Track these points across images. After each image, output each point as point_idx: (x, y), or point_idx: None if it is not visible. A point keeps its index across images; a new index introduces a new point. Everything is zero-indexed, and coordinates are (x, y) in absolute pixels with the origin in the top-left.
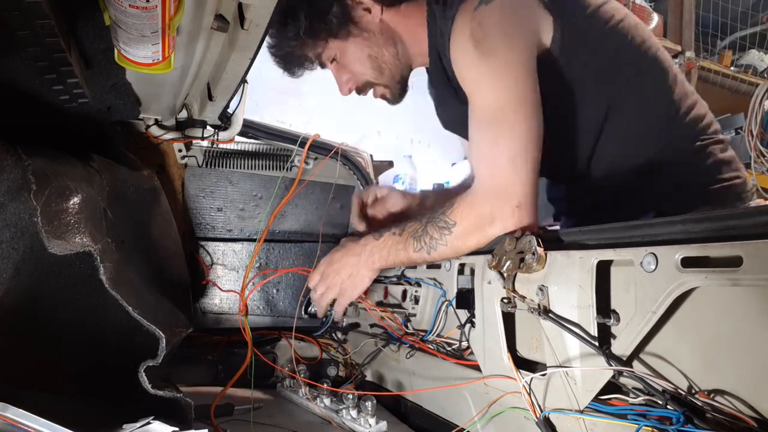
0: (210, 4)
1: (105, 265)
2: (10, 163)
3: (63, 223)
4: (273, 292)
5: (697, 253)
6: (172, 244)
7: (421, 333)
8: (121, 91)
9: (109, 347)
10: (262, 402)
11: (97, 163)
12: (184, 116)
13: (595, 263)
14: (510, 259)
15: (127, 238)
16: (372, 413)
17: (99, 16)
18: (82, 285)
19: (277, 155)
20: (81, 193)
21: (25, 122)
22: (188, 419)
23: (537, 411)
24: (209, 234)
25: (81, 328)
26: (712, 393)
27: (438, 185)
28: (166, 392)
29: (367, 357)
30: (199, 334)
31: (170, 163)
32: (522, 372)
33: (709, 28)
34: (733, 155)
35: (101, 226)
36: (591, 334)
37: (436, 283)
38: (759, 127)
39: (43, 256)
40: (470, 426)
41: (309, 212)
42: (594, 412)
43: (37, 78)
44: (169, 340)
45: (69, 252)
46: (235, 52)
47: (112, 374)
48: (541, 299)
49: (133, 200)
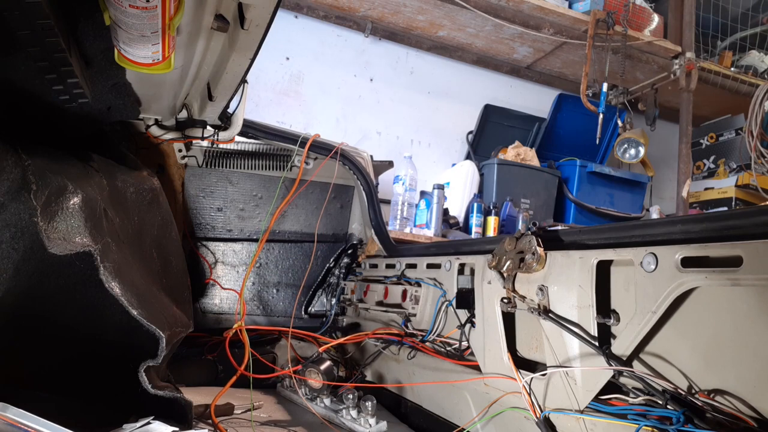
0: (210, 4)
1: (105, 265)
2: (10, 163)
3: (63, 223)
4: (273, 292)
5: (697, 253)
6: (172, 244)
7: (421, 333)
8: (121, 91)
9: (109, 347)
10: (261, 402)
11: (97, 163)
12: (184, 116)
13: (595, 263)
14: (510, 259)
15: (127, 238)
16: (372, 413)
17: (99, 16)
18: (82, 285)
19: (277, 155)
20: (81, 193)
21: (25, 122)
22: (188, 419)
23: (537, 411)
24: (209, 234)
25: (81, 328)
26: (712, 393)
27: (438, 186)
28: (166, 392)
29: (368, 357)
30: (199, 334)
31: (170, 163)
32: (522, 372)
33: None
34: None
35: (101, 226)
36: (591, 334)
37: (436, 283)
38: (759, 128)
39: (43, 256)
40: (470, 426)
41: (309, 212)
42: (594, 412)
43: (37, 78)
44: (169, 340)
45: (69, 252)
46: (235, 52)
47: (112, 374)
48: (541, 299)
49: (133, 200)
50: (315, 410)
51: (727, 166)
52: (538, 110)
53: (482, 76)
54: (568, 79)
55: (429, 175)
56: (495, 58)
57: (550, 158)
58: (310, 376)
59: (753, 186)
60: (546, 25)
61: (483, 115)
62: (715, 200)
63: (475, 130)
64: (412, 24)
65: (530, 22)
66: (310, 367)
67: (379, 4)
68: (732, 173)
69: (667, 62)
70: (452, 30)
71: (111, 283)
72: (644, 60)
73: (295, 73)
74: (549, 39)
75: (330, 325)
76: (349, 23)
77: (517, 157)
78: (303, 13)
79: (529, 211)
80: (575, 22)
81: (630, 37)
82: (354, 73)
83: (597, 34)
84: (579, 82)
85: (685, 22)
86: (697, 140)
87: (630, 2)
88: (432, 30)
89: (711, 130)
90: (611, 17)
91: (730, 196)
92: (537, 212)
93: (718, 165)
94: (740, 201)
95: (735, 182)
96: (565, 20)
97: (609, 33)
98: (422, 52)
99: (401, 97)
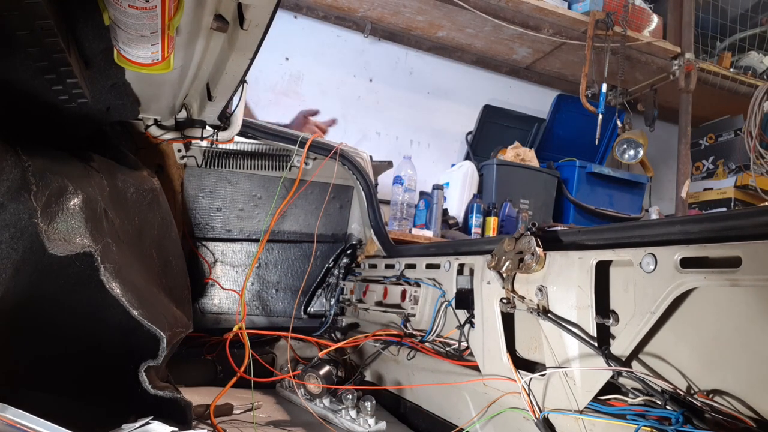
0: (209, 4)
1: (106, 266)
2: (10, 163)
3: (63, 224)
4: (272, 292)
5: (696, 253)
6: (171, 245)
7: (421, 333)
8: (120, 91)
9: (109, 347)
10: (261, 402)
11: (97, 163)
12: (184, 116)
13: (594, 263)
14: (509, 259)
15: (127, 239)
16: (371, 413)
17: (99, 16)
18: (82, 285)
19: (276, 155)
20: (81, 193)
21: (25, 122)
22: (188, 419)
23: (536, 411)
24: (208, 234)
25: (81, 328)
26: (711, 393)
27: (437, 186)
28: (166, 392)
29: (367, 358)
30: (199, 334)
31: (170, 163)
32: (521, 372)
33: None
34: None
35: (102, 226)
36: (590, 334)
37: (435, 283)
38: (758, 128)
39: (43, 256)
40: (469, 426)
41: (308, 212)
42: (593, 413)
43: (36, 78)
44: (169, 341)
45: (69, 253)
46: (235, 52)
47: (112, 374)
48: (540, 299)
49: (133, 200)
50: (314, 411)
51: (726, 167)
52: (537, 111)
53: (481, 76)
54: (567, 79)
55: (428, 176)
56: (494, 58)
57: (549, 159)
58: (310, 380)
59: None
60: (545, 25)
61: (482, 116)
62: (714, 201)
63: (475, 130)
64: (412, 24)
65: (529, 23)
66: (309, 372)
67: (378, 5)
68: (731, 174)
69: (667, 63)
70: (452, 30)
71: (112, 283)
72: (643, 61)
73: (295, 73)
74: (548, 40)
75: (329, 325)
76: (348, 24)
77: (516, 158)
78: (302, 13)
79: (529, 211)
80: (574, 22)
81: (629, 37)
82: (353, 74)
83: (596, 34)
84: (578, 83)
85: (685, 23)
86: (696, 141)
87: (629, 3)
88: (431, 30)
89: (710, 130)
90: (610, 18)
91: (729, 196)
92: (536, 213)
93: (717, 166)
94: (739, 202)
95: (734, 183)
96: (565, 21)
97: (608, 34)
98: (422, 52)
99: (400, 97)
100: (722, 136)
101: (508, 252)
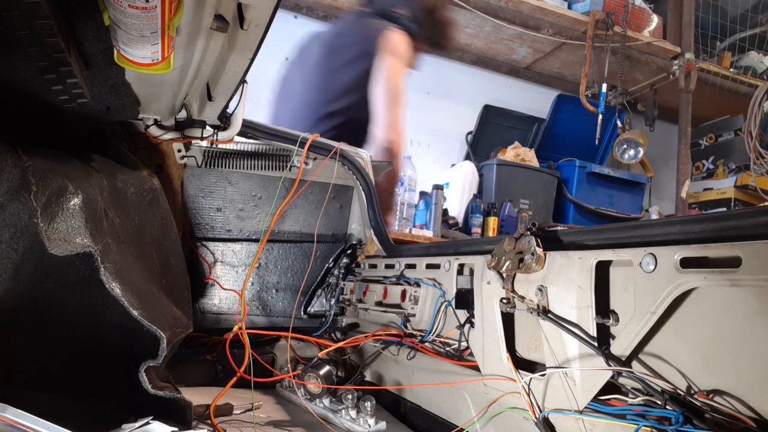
0: (209, 4)
1: (106, 266)
2: (10, 163)
3: (63, 224)
4: (272, 292)
5: (696, 253)
6: (171, 245)
7: (421, 333)
8: (120, 91)
9: (109, 347)
10: (260, 402)
11: (97, 163)
12: (184, 116)
13: (594, 263)
14: (509, 259)
15: (127, 239)
16: (371, 413)
17: (99, 16)
18: (82, 285)
19: (276, 155)
20: (81, 193)
21: (25, 122)
22: (188, 420)
23: (536, 411)
24: (208, 234)
25: (81, 328)
26: (711, 393)
27: (437, 186)
28: (166, 393)
29: (367, 358)
30: (199, 334)
31: (170, 163)
32: (521, 372)
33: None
34: None
35: (102, 226)
36: (590, 334)
37: (435, 283)
38: (758, 128)
39: (43, 256)
40: (469, 426)
41: (308, 212)
42: (593, 413)
43: (36, 78)
44: (169, 341)
45: (69, 253)
46: (235, 52)
47: (112, 374)
48: (540, 299)
49: (133, 200)
50: (314, 411)
51: (726, 167)
52: (537, 111)
53: (482, 76)
54: (567, 79)
55: (428, 176)
56: (494, 58)
57: (549, 159)
58: (310, 380)
59: (752, 187)
60: (545, 25)
61: (482, 116)
62: (714, 201)
63: (475, 130)
64: None
65: (529, 23)
66: (309, 372)
67: None
68: (731, 174)
69: (667, 63)
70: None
71: (112, 283)
72: (643, 61)
73: None
74: (548, 40)
75: (329, 325)
76: None
77: (516, 158)
78: (302, 13)
79: (529, 211)
80: (574, 22)
81: (629, 37)
82: None
83: (596, 34)
84: (578, 83)
85: (685, 23)
86: (696, 141)
87: (629, 3)
88: None
89: (710, 130)
90: (610, 18)
91: (729, 196)
92: (536, 213)
93: (717, 166)
94: (739, 202)
95: (734, 183)
96: (565, 21)
97: (608, 34)
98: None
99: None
100: (722, 136)
101: (508, 252)
